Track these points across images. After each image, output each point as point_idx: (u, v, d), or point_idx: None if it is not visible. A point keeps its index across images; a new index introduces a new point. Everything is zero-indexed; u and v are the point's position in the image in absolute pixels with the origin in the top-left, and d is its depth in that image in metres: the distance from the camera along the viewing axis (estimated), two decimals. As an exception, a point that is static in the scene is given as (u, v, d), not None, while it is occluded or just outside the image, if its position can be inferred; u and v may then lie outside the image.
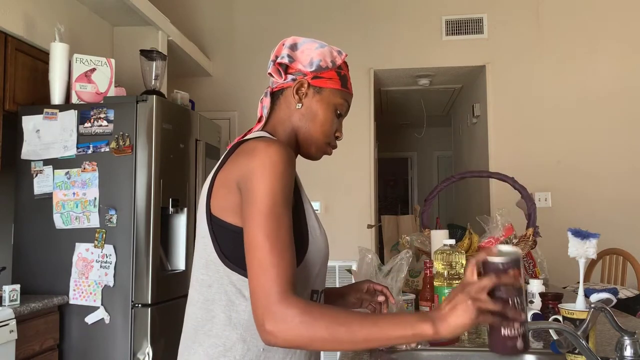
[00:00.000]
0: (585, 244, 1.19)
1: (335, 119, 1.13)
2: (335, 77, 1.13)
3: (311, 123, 1.11)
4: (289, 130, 1.12)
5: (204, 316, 1.02)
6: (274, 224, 0.92)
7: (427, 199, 2.15)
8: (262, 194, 0.93)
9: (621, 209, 4.03)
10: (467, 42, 4.30)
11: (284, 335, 0.87)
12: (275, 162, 0.95)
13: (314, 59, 1.11)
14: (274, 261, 0.90)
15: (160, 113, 2.59)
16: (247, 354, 0.99)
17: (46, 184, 2.52)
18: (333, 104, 1.12)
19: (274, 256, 0.90)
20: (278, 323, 0.87)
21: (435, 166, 8.07)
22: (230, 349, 0.99)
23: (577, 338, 1.04)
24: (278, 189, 0.94)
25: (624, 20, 4.18)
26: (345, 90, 1.15)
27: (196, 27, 4.45)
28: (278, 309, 0.87)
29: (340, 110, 1.14)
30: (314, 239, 1.04)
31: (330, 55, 1.12)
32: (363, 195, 4.29)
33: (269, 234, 0.91)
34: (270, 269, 0.89)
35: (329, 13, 4.42)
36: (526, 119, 4.20)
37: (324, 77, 1.11)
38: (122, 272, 2.45)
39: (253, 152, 0.97)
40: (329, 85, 1.12)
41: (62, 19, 2.84)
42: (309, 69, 1.10)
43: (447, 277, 1.58)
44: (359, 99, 4.35)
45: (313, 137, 1.12)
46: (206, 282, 1.02)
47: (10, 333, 2.02)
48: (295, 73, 1.11)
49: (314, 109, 1.11)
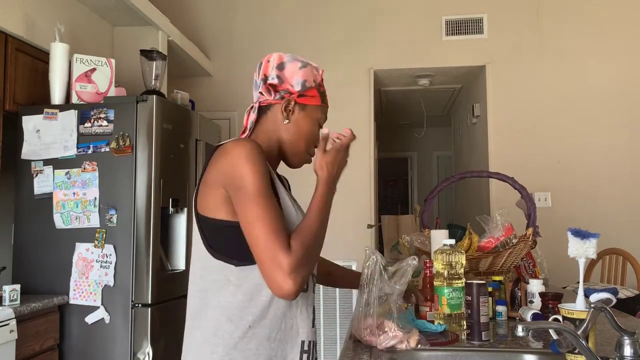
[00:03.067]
0: (585, 244, 1.20)
1: (316, 132, 1.28)
2: (317, 95, 1.27)
3: (296, 136, 1.26)
4: (273, 141, 1.26)
5: (199, 304, 1.17)
6: (265, 200, 1.09)
7: (427, 199, 2.15)
8: (246, 178, 1.10)
9: (621, 209, 4.03)
10: (467, 42, 4.30)
11: (303, 277, 1.08)
12: (248, 153, 1.11)
13: (300, 79, 1.25)
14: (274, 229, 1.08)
15: (160, 113, 2.59)
16: (235, 331, 1.13)
17: (46, 184, 2.52)
18: (316, 119, 1.28)
19: (272, 226, 1.08)
20: (294, 273, 1.06)
21: (435, 166, 8.07)
22: (220, 329, 1.13)
23: (577, 338, 1.04)
24: (259, 173, 1.10)
25: (624, 20, 4.18)
26: (325, 105, 1.30)
27: (196, 27, 4.45)
28: (292, 263, 1.06)
29: (321, 123, 1.30)
30: (291, 223, 1.17)
31: (312, 74, 1.27)
32: (363, 195, 4.29)
33: (263, 209, 1.08)
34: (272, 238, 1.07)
35: (328, 13, 4.42)
36: (526, 118, 4.20)
37: (308, 95, 1.26)
38: (122, 272, 2.45)
39: (227, 151, 1.14)
40: (312, 102, 1.26)
41: (62, 19, 2.84)
42: (296, 89, 1.24)
43: (447, 277, 1.58)
44: (359, 99, 4.36)
45: (298, 148, 1.27)
46: (199, 274, 1.18)
47: (10, 333, 2.02)
48: (282, 91, 1.25)
49: (300, 124, 1.25)
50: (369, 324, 1.39)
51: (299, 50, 4.32)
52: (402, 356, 1.34)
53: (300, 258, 1.07)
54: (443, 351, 1.38)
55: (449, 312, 1.56)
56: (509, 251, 1.91)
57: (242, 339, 1.13)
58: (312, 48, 4.36)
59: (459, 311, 1.56)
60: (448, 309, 1.56)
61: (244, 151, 1.11)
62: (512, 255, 1.92)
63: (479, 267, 1.93)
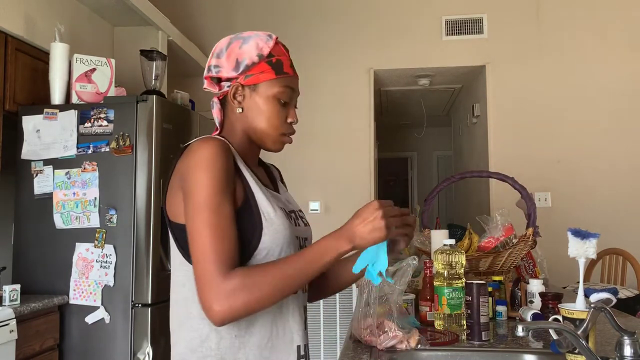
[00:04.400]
0: (585, 244, 1.19)
1: (280, 109, 1.13)
2: (267, 68, 1.11)
3: (257, 121, 1.13)
4: (240, 133, 1.15)
5: (183, 314, 1.09)
6: (211, 213, 0.98)
7: (427, 199, 2.15)
8: (197, 186, 1.00)
9: (621, 209, 4.03)
10: (467, 42, 4.30)
11: (232, 309, 0.94)
12: (207, 157, 1.01)
13: (240, 60, 1.11)
14: (213, 247, 0.96)
15: (161, 113, 2.59)
16: (222, 342, 1.05)
17: (46, 184, 2.52)
18: (272, 96, 1.12)
19: (213, 242, 0.97)
20: (223, 300, 0.93)
21: (435, 166, 8.07)
22: (206, 340, 1.05)
23: (577, 338, 1.04)
24: (212, 180, 1.00)
25: (624, 20, 4.18)
26: (283, 75, 1.13)
27: (196, 27, 4.45)
28: (221, 288, 0.94)
29: (283, 99, 1.13)
30: (269, 221, 1.06)
31: (257, 47, 1.11)
32: (363, 196, 4.29)
33: (207, 222, 0.97)
34: (210, 254, 0.96)
35: (328, 13, 4.42)
36: (526, 119, 4.20)
37: (255, 73, 1.11)
38: (122, 272, 2.45)
39: (189, 152, 1.04)
40: (262, 79, 1.11)
41: (62, 19, 2.84)
42: (237, 72, 1.12)
43: (447, 277, 1.58)
44: (359, 99, 4.36)
45: (263, 132, 1.14)
46: (180, 282, 1.10)
47: (10, 333, 2.02)
48: (226, 81, 1.14)
49: (255, 107, 1.12)
50: (369, 324, 1.39)
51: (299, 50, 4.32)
52: (402, 356, 1.34)
53: (234, 289, 0.93)
54: (443, 351, 1.38)
55: (449, 312, 1.56)
56: (509, 251, 1.91)
57: (229, 349, 1.05)
58: (312, 48, 4.36)
59: (459, 311, 1.56)
60: (448, 309, 1.56)
61: (203, 154, 1.01)
62: (512, 255, 1.92)
63: (479, 267, 1.93)
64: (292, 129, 1.17)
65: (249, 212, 1.06)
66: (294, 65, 1.18)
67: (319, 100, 4.34)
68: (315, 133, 4.32)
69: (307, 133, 4.28)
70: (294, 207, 1.22)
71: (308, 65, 4.32)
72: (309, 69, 4.32)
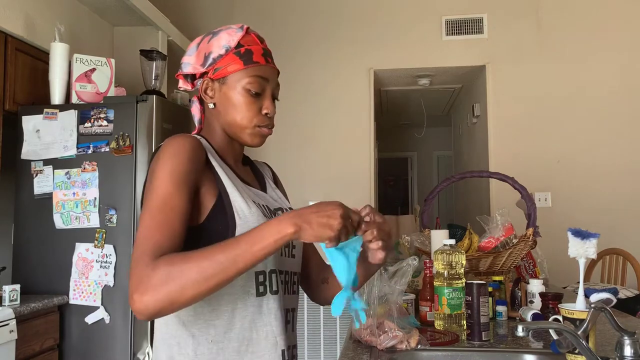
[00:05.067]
0: (585, 244, 1.19)
1: (251, 100, 1.08)
2: (235, 59, 1.07)
3: (229, 114, 1.09)
4: (218, 130, 1.12)
5: (161, 320, 1.05)
6: (159, 203, 0.94)
7: (427, 199, 2.15)
8: (154, 176, 0.98)
9: (621, 208, 4.03)
10: (467, 42, 4.30)
11: (153, 299, 0.85)
12: (169, 150, 0.99)
13: (207, 54, 1.09)
14: (150, 234, 0.91)
15: (160, 113, 2.59)
16: (199, 347, 1.01)
17: (46, 184, 2.52)
18: (242, 87, 1.08)
19: (150, 231, 0.92)
20: (144, 289, 0.86)
21: (435, 166, 8.07)
22: (184, 346, 1.02)
23: (577, 338, 1.04)
24: (170, 172, 0.97)
25: (623, 20, 4.18)
26: (252, 65, 1.08)
27: (196, 27, 4.45)
28: (145, 275, 0.86)
29: (253, 89, 1.08)
30: (242, 219, 1.02)
31: (224, 39, 1.08)
32: (363, 195, 4.29)
33: (151, 212, 0.94)
34: (145, 241, 0.91)
35: (328, 13, 4.42)
36: (526, 119, 4.20)
37: (223, 66, 1.08)
38: (122, 272, 2.45)
39: (160, 148, 1.02)
40: (231, 71, 1.07)
41: (62, 19, 2.84)
42: (205, 67, 1.09)
43: (447, 277, 1.58)
44: (359, 99, 4.36)
45: (237, 125, 1.09)
46: None
47: (10, 333, 2.02)
48: (201, 76, 1.11)
49: (226, 100, 1.09)
50: (369, 324, 1.39)
51: (299, 51, 4.34)
52: (402, 356, 1.34)
53: (157, 278, 0.86)
54: (443, 351, 1.38)
55: (449, 312, 1.56)
56: (509, 251, 1.91)
57: (206, 355, 1.01)
58: (312, 48, 4.36)
59: (459, 311, 1.56)
60: (448, 309, 1.56)
61: (167, 148, 1.00)
62: (512, 256, 1.92)
63: (479, 267, 1.93)
64: (269, 120, 1.11)
65: (222, 209, 1.03)
66: (270, 55, 1.12)
67: (319, 100, 4.34)
68: (315, 133, 4.32)
69: (307, 133, 4.29)
70: (282, 205, 1.19)
71: (308, 65, 4.32)
72: (309, 69, 4.33)
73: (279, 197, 1.22)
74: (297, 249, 1.18)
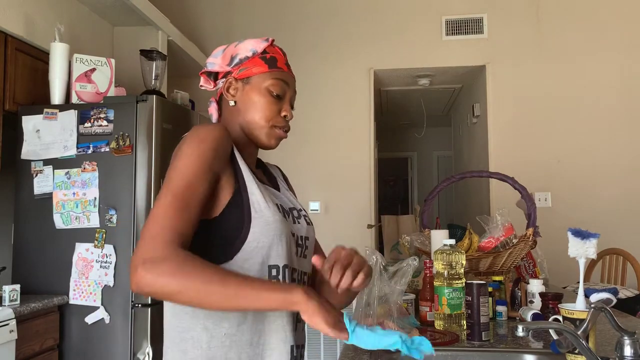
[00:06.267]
0: (585, 244, 1.19)
1: (272, 101, 1.12)
2: (260, 62, 1.13)
3: (249, 113, 1.12)
4: (237, 129, 1.15)
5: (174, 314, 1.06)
6: (182, 185, 0.97)
7: (427, 199, 2.15)
8: (181, 156, 1.01)
9: (621, 208, 4.03)
10: (467, 42, 4.30)
11: (152, 281, 0.87)
12: (200, 134, 1.02)
13: (233, 55, 1.14)
14: (170, 214, 0.93)
15: (160, 113, 2.59)
16: (212, 340, 1.03)
17: (46, 184, 2.52)
18: (265, 88, 1.12)
19: (171, 209, 0.94)
20: (150, 267, 0.87)
21: (435, 166, 8.07)
22: (198, 340, 1.03)
23: (577, 338, 1.04)
24: (198, 156, 0.99)
25: (623, 20, 4.18)
26: (275, 69, 1.13)
27: (196, 27, 4.45)
28: (157, 256, 0.88)
29: (275, 91, 1.12)
30: (259, 212, 1.04)
31: (252, 45, 1.14)
32: (363, 195, 4.29)
33: (173, 191, 0.96)
34: (164, 219, 0.93)
35: (328, 13, 4.42)
36: (526, 119, 4.21)
37: (248, 67, 1.13)
38: (122, 272, 2.45)
39: (188, 132, 1.06)
40: (255, 72, 1.12)
41: (62, 19, 2.84)
42: (231, 66, 1.14)
43: (447, 277, 1.58)
44: (359, 99, 4.36)
45: (256, 124, 1.12)
46: None
47: (10, 333, 2.02)
48: (223, 77, 1.17)
49: (247, 99, 1.12)
50: (369, 324, 1.39)
51: (299, 51, 4.34)
52: (402, 356, 1.34)
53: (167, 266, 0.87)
54: (443, 351, 1.38)
55: (449, 312, 1.56)
56: (509, 251, 1.91)
57: (220, 348, 1.02)
58: (312, 48, 4.37)
59: (459, 311, 1.56)
60: (448, 309, 1.56)
61: (198, 132, 1.03)
62: (512, 256, 1.92)
63: (479, 267, 1.93)
64: (286, 123, 1.15)
65: (239, 202, 1.04)
66: (290, 67, 1.18)
67: (319, 100, 4.34)
68: (315, 133, 4.32)
69: (307, 133, 4.29)
70: (295, 205, 1.20)
71: (308, 65, 4.32)
72: (309, 69, 4.33)
73: (293, 198, 1.24)
74: (309, 250, 1.19)
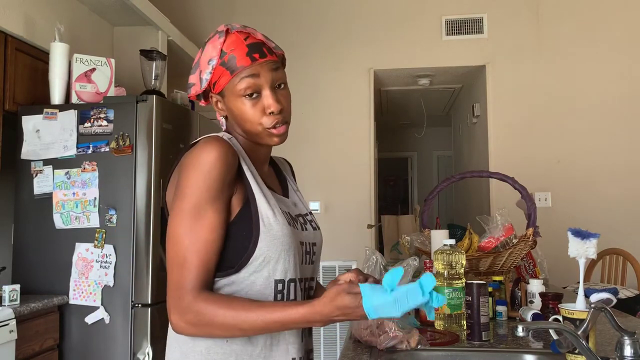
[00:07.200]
0: (585, 244, 1.19)
1: (250, 103, 1.07)
2: (222, 70, 1.07)
3: (239, 123, 1.11)
4: (241, 137, 1.14)
5: None
6: (195, 222, 0.98)
7: (427, 199, 2.15)
8: (187, 190, 1.00)
9: (621, 209, 4.03)
10: (467, 42, 4.30)
11: (187, 326, 0.97)
12: (205, 160, 1.00)
13: (201, 75, 1.10)
14: (189, 258, 0.97)
15: (160, 113, 2.59)
16: (213, 347, 1.04)
17: (46, 184, 2.52)
18: (237, 93, 1.07)
19: (190, 253, 0.97)
20: (181, 316, 0.97)
21: (435, 166, 8.07)
22: (199, 343, 1.04)
23: (577, 338, 1.04)
24: (203, 186, 0.99)
25: (624, 20, 4.18)
26: (238, 69, 1.06)
27: (196, 27, 4.45)
28: (184, 305, 0.96)
29: (247, 92, 1.06)
30: (267, 227, 1.04)
31: (210, 53, 1.08)
32: (363, 195, 4.29)
33: (188, 231, 0.98)
34: (185, 265, 0.97)
35: (328, 13, 4.42)
36: (526, 119, 4.21)
37: (217, 81, 1.09)
38: (122, 272, 2.45)
39: (192, 151, 1.04)
40: (223, 83, 1.08)
41: (62, 19, 2.84)
42: (204, 86, 1.10)
43: (447, 277, 1.58)
44: (359, 99, 4.36)
45: (250, 132, 1.10)
46: None
47: (10, 333, 2.02)
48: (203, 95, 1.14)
49: (230, 111, 1.11)
50: (369, 324, 1.39)
51: (299, 51, 4.33)
52: (402, 356, 1.34)
53: (194, 314, 0.96)
54: (443, 351, 1.38)
55: (449, 312, 1.56)
56: (509, 251, 1.91)
57: (220, 355, 1.03)
58: (312, 48, 4.37)
59: (459, 311, 1.56)
60: (448, 309, 1.56)
61: (203, 157, 1.00)
62: (512, 256, 1.92)
63: (479, 267, 1.92)
64: (275, 117, 1.08)
65: (247, 216, 1.04)
66: (258, 47, 1.08)
67: (319, 100, 4.34)
68: (315, 133, 4.32)
69: (307, 133, 4.29)
70: (302, 211, 1.19)
71: (308, 65, 4.32)
72: (309, 69, 4.33)
73: (299, 200, 1.23)
74: (317, 256, 1.19)
